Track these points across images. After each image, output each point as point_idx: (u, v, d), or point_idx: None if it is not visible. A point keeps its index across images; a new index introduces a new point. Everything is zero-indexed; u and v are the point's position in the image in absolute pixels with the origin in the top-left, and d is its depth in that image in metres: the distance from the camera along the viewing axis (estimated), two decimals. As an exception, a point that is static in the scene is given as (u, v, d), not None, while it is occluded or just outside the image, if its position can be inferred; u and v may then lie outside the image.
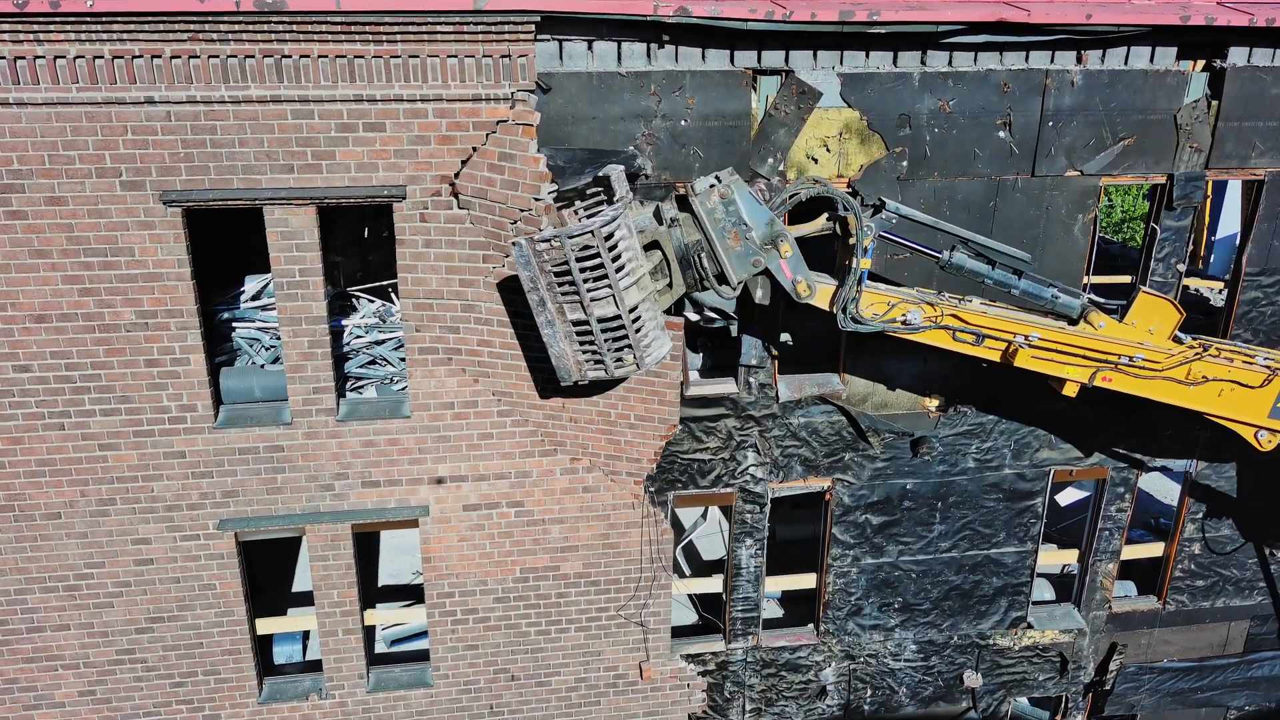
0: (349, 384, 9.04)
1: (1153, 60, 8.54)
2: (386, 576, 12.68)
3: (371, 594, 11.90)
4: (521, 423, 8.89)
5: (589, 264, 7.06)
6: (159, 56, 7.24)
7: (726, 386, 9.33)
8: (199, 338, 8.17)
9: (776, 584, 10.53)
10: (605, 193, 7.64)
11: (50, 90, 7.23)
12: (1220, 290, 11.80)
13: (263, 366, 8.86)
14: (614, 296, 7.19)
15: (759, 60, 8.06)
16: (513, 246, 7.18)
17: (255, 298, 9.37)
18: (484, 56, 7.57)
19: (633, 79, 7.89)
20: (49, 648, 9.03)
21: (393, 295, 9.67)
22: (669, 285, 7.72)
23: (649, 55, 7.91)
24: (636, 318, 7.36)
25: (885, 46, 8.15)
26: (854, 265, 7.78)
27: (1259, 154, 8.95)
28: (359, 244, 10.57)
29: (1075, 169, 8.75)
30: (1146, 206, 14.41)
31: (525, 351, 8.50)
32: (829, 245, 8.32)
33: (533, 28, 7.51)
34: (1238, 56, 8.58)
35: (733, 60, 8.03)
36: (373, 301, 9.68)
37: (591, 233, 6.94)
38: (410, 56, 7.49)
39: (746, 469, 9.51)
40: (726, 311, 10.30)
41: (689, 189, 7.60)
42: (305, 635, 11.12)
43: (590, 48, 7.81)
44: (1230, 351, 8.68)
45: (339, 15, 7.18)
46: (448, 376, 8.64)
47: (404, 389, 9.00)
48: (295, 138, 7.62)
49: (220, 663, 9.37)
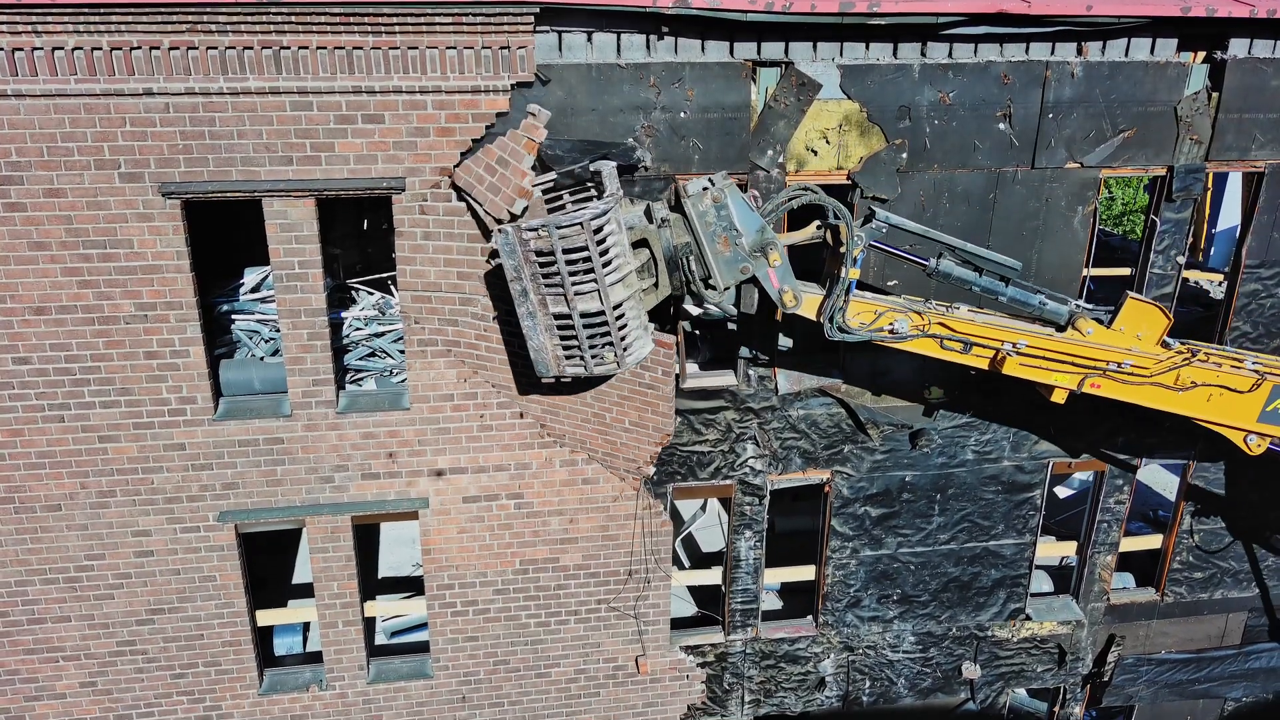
0: (348, 376, 9.05)
1: (1153, 52, 8.52)
2: (386, 569, 12.70)
3: (371, 586, 11.92)
4: (520, 415, 8.90)
5: (575, 256, 6.97)
6: (157, 48, 7.22)
7: (725, 379, 9.34)
8: (198, 330, 8.17)
9: (776, 576, 10.55)
10: (596, 188, 7.55)
11: (48, 82, 7.21)
12: (1220, 283, 11.81)
13: (262, 359, 8.86)
14: (599, 292, 7.08)
15: (759, 52, 8.04)
16: (498, 234, 7.09)
17: (254, 290, 9.37)
18: (483, 48, 7.56)
19: (632, 71, 7.87)
20: (50, 639, 9.06)
21: (392, 288, 9.67)
22: (655, 285, 7.62)
23: (648, 47, 7.89)
24: (620, 315, 7.25)
25: (885, 38, 8.14)
26: (843, 275, 7.71)
27: (1259, 146, 8.93)
28: (358, 236, 10.57)
29: (1075, 161, 8.74)
30: (1147, 199, 14.40)
31: (518, 348, 8.50)
32: (816, 250, 8.29)
33: (532, 19, 7.49)
34: (1238, 48, 8.56)
35: (732, 52, 8.01)
36: (372, 294, 9.68)
37: (580, 224, 6.85)
38: (409, 48, 7.48)
39: (745, 461, 9.53)
40: (726, 307, 10.31)
41: (682, 190, 7.51)
42: (306, 627, 11.15)
43: (589, 39, 7.79)
44: (1219, 356, 8.67)
45: (337, 6, 7.16)
46: (447, 369, 8.65)
47: (403, 381, 9.01)
48: (294, 129, 7.61)
49: (221, 654, 9.39)
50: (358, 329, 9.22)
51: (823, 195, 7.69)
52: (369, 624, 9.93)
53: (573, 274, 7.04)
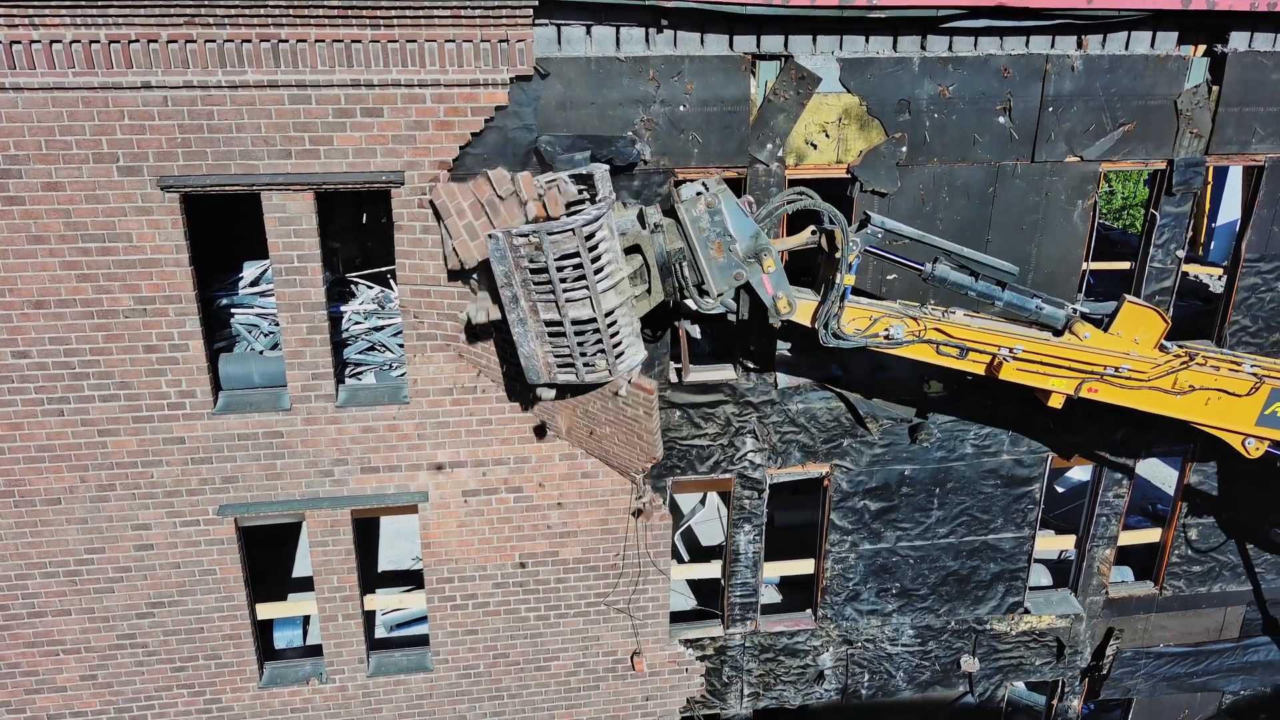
0: (348, 370, 9.04)
1: (1153, 45, 8.51)
2: (386, 562, 12.72)
3: (371, 579, 11.94)
4: (520, 409, 8.90)
5: (567, 263, 6.88)
6: (155, 41, 7.21)
7: (725, 373, 9.34)
8: (197, 323, 8.16)
9: (775, 569, 10.56)
10: (588, 191, 7.45)
11: (46, 75, 7.20)
12: (1220, 276, 11.80)
13: (261, 352, 8.86)
14: (591, 299, 7.00)
15: (758, 45, 8.02)
16: (489, 239, 7.01)
17: (254, 283, 9.36)
18: (482, 41, 7.54)
19: (631, 64, 7.85)
20: (50, 633, 9.07)
21: (391, 281, 9.66)
22: (648, 292, 7.55)
23: (648, 40, 7.88)
24: (612, 322, 7.18)
25: (885, 31, 8.12)
26: (838, 281, 7.68)
27: (1259, 139, 8.92)
28: (357, 230, 10.56)
29: (1075, 154, 8.73)
30: (1146, 193, 14.38)
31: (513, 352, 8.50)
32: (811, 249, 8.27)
33: (531, 12, 7.47)
34: (1239, 41, 8.54)
35: (731, 45, 8.00)
36: (371, 288, 9.67)
37: (573, 230, 6.76)
38: (408, 41, 7.46)
39: (745, 455, 9.53)
40: (727, 302, 10.29)
41: (675, 194, 7.43)
42: (306, 620, 11.16)
43: (588, 32, 7.77)
44: (1217, 359, 8.66)
45: (336, -1, 7.15)
46: (446, 363, 8.65)
47: (403, 375, 9.00)
48: (292, 123, 7.60)
49: (221, 647, 9.41)
50: (357, 323, 9.21)
51: (818, 200, 7.63)
52: (369, 617, 9.95)
53: (564, 281, 6.95)
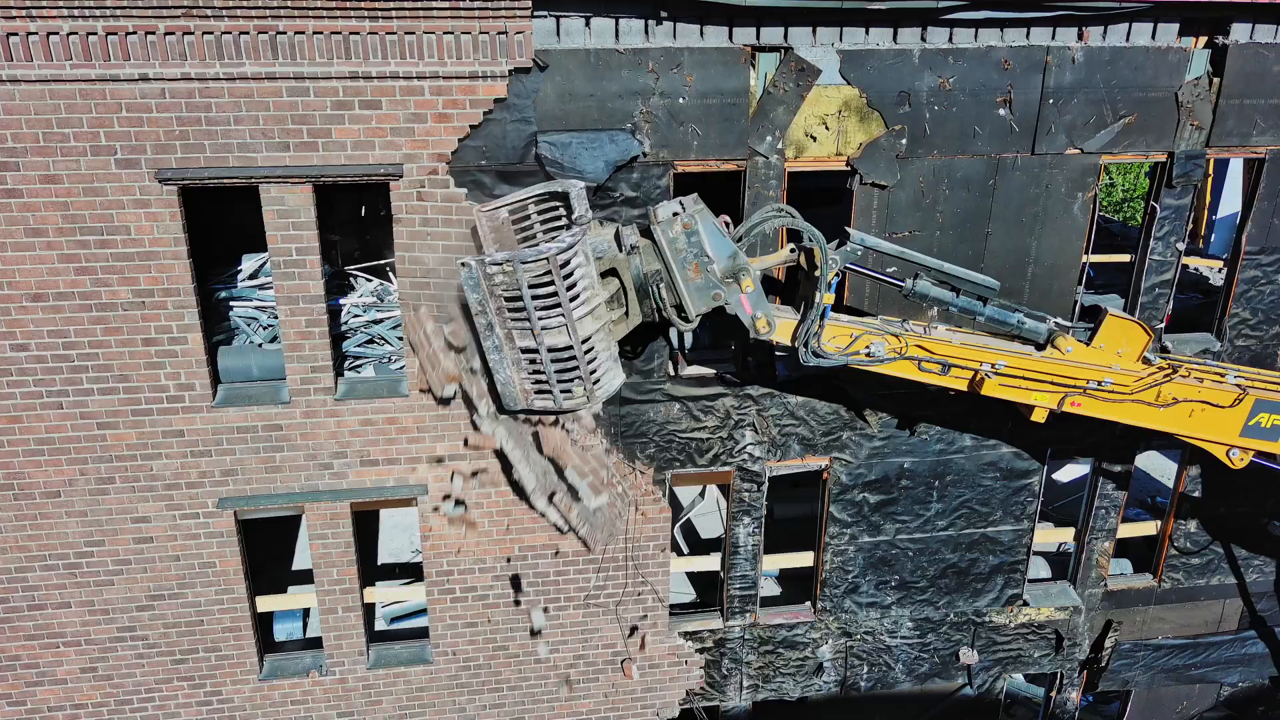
0: (347, 363, 9.04)
1: (1154, 37, 8.48)
2: (386, 555, 12.73)
3: (371, 572, 11.95)
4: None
5: (541, 291, 6.82)
6: (153, 33, 7.18)
7: (724, 366, 9.33)
8: (196, 316, 8.15)
9: (774, 562, 10.57)
10: (565, 209, 7.37)
11: (44, 67, 7.18)
12: (1220, 269, 11.79)
13: (260, 345, 8.86)
14: (567, 326, 6.95)
15: (758, 37, 7.99)
16: (461, 268, 6.94)
17: (252, 276, 9.35)
18: (481, 33, 7.52)
19: (630, 56, 7.83)
20: (50, 625, 9.08)
21: (390, 274, 9.65)
22: (625, 314, 7.51)
23: (647, 32, 7.85)
24: (589, 349, 7.14)
25: (885, 23, 8.09)
26: (817, 299, 7.66)
27: (1260, 132, 8.90)
28: (356, 223, 10.54)
29: (1075, 147, 8.71)
30: (1147, 185, 14.36)
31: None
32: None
33: (530, 3, 7.45)
34: (1240, 33, 8.51)
35: (731, 37, 7.97)
36: (370, 280, 9.67)
37: (547, 259, 6.70)
38: (406, 33, 7.43)
39: (744, 448, 9.53)
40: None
41: (652, 214, 7.38)
42: (306, 613, 11.18)
43: (588, 24, 7.75)
44: (1200, 371, 8.67)
45: (334, -9, 7.13)
46: (445, 356, 8.63)
47: (402, 368, 9.00)
48: (291, 115, 7.57)
49: (221, 640, 9.42)
50: (356, 316, 9.21)
51: (798, 219, 7.59)
52: (369, 610, 9.96)
53: (539, 308, 6.90)
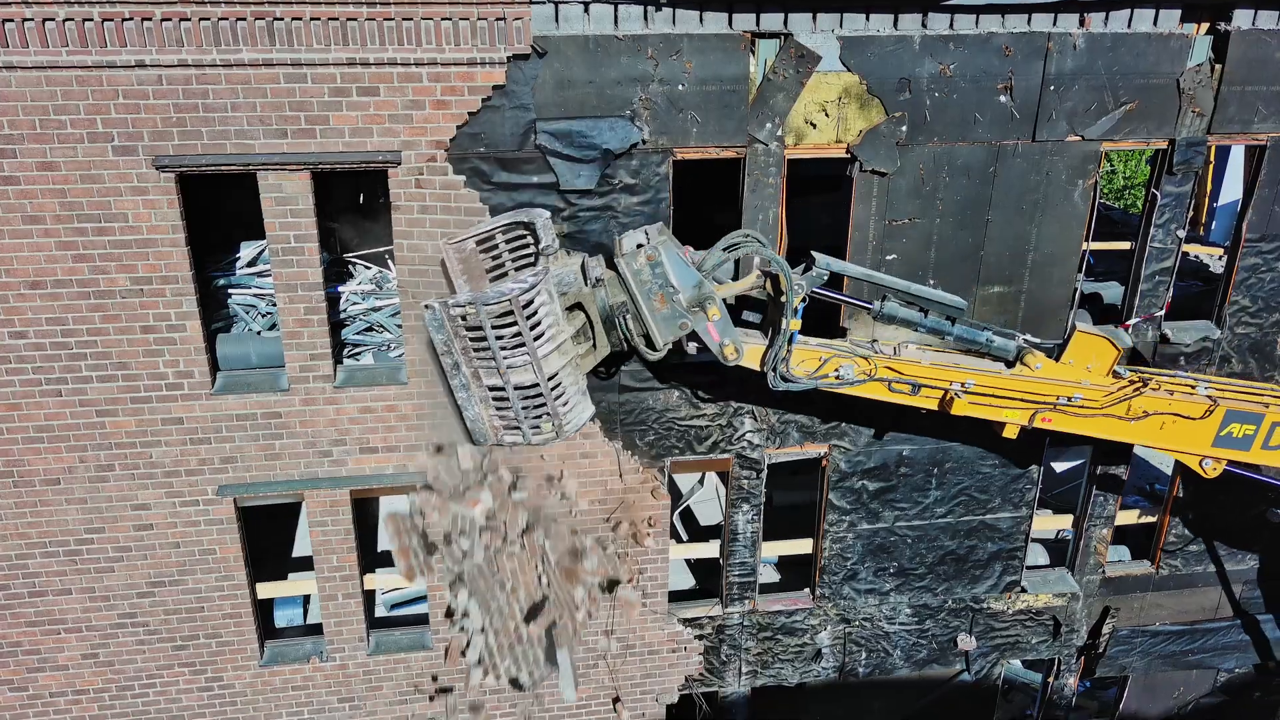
0: (346, 350, 9.03)
1: (1156, 23, 8.43)
2: (385, 542, 12.74)
3: (371, 559, 11.97)
4: (519, 389, 8.90)
5: (505, 332, 6.85)
6: (149, 19, 7.14)
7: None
8: (194, 304, 8.15)
9: (773, 549, 10.60)
10: (532, 238, 7.40)
11: (40, 53, 7.14)
12: (1220, 257, 11.77)
13: (259, 333, 8.85)
14: (532, 364, 6.97)
15: (757, 23, 7.95)
16: (425, 310, 6.99)
17: (251, 264, 9.33)
18: (479, 19, 7.47)
19: (630, 42, 7.79)
20: (51, 612, 9.11)
21: (389, 262, 9.63)
22: (593, 346, 7.55)
23: (646, 18, 7.80)
24: (556, 385, 7.15)
25: (885, 9, 8.04)
26: (784, 326, 7.68)
27: (1261, 119, 8.87)
28: (355, 210, 10.51)
29: (1076, 134, 8.67)
30: (1148, 172, 14.31)
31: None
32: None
33: (528, -11, 7.41)
34: (1243, 19, 8.46)
35: (731, 23, 7.92)
36: (369, 268, 9.65)
37: (509, 300, 6.72)
38: (404, 19, 7.39)
39: (743, 435, 9.54)
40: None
41: (617, 245, 7.41)
42: (306, 599, 11.21)
43: (586, 10, 7.70)
44: (1171, 383, 8.71)
45: (331, -24, 7.08)
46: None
47: (401, 355, 8.99)
48: (288, 102, 7.54)
49: (222, 626, 9.45)
50: (355, 303, 9.20)
51: (764, 246, 7.58)
52: (369, 597, 9.99)
53: (504, 348, 6.91)
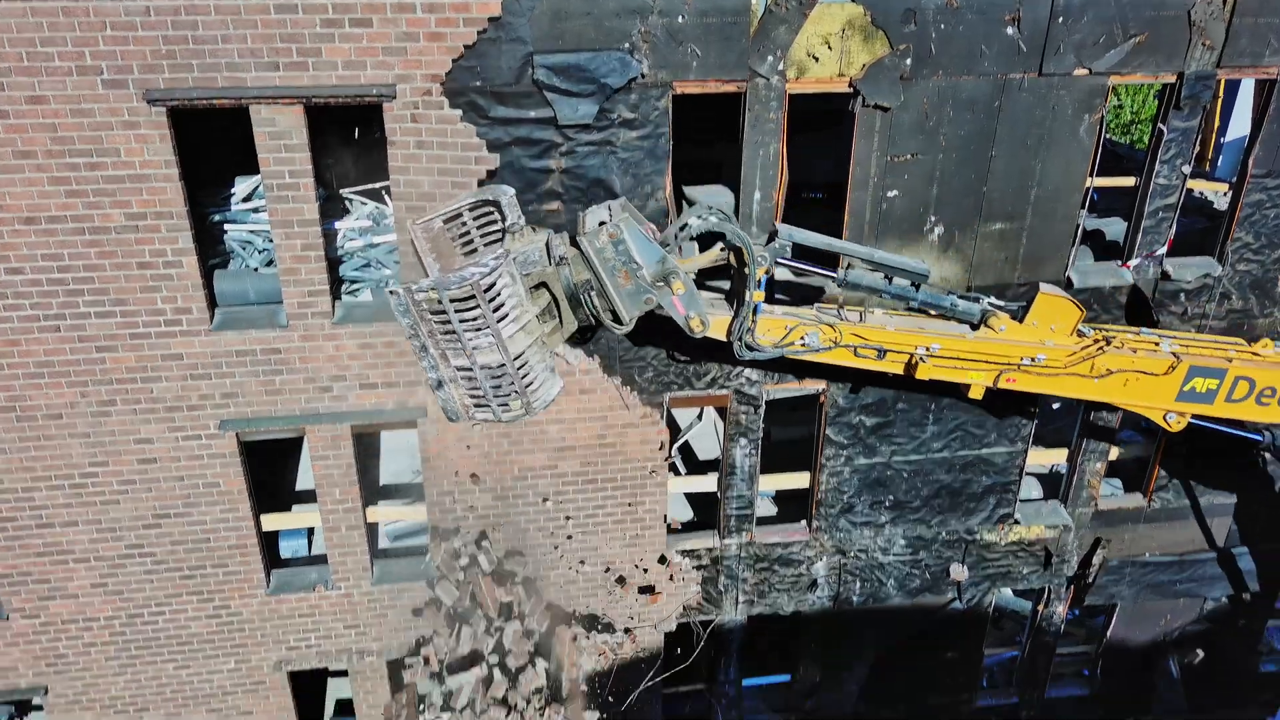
0: (344, 287, 9.01)
1: (1170, -49, 8.20)
2: (388, 476, 12.89)
3: (373, 491, 12.13)
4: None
5: (469, 315, 6.90)
6: (134, -54, 6.95)
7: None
8: (190, 240, 8.09)
9: (771, 483, 10.73)
10: (498, 214, 7.37)
11: (23, -18, 6.97)
12: (1224, 193, 11.64)
13: (256, 269, 8.81)
14: (498, 345, 7.03)
15: (760, -49, 7.74)
16: (390, 295, 7.04)
17: (246, 199, 9.25)
18: (473, -54, 7.27)
19: (628, -29, 7.58)
20: (59, 542, 9.27)
21: (386, 197, 9.54)
22: (559, 324, 7.59)
23: (645, -55, 7.59)
24: (522, 364, 7.22)
25: (892, -64, 7.82)
26: (747, 298, 7.71)
27: (1273, 52, 8.67)
28: (351, 145, 10.37)
29: (1084, 67, 8.50)
30: (1155, 106, 14.05)
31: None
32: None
33: (524, -85, 7.19)
34: (1259, -53, 8.23)
35: (733, -49, 7.71)
36: (366, 204, 9.56)
37: (470, 284, 6.75)
38: (396, -54, 7.19)
39: (742, 371, 9.57)
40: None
41: (580, 223, 7.38)
42: (310, 531, 11.39)
43: (584, -63, 7.49)
44: (1134, 341, 8.76)
45: (320, -98, 6.86)
46: (443, 279, 8.60)
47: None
48: (279, 34, 7.37)
49: (228, 556, 9.63)
50: (352, 239, 9.14)
51: (727, 220, 7.55)
52: (372, 529, 10.15)
53: (468, 330, 6.96)
